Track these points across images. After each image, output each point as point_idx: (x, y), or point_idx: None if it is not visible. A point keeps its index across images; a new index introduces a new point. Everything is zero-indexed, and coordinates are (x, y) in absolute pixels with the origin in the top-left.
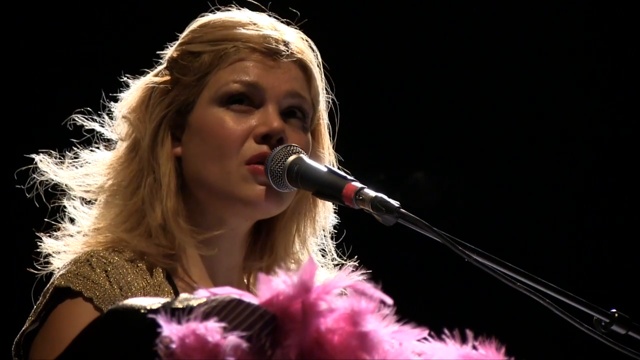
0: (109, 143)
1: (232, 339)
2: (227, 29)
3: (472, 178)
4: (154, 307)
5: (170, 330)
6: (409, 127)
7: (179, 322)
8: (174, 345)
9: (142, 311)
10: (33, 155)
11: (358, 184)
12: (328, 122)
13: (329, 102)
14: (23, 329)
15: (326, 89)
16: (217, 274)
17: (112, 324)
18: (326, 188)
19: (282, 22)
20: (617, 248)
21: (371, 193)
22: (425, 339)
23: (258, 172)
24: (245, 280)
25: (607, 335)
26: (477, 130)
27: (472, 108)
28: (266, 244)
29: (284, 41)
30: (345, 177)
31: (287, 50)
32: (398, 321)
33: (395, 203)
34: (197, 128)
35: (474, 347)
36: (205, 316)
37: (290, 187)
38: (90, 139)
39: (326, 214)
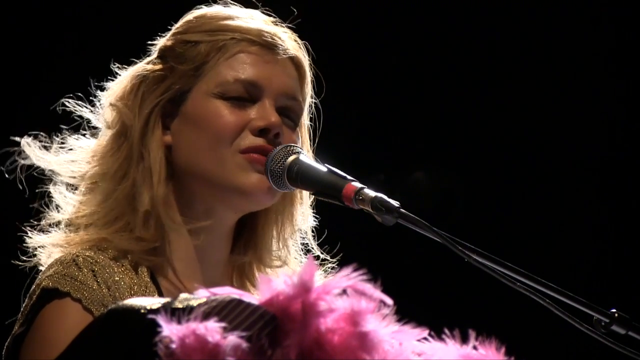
0: (95, 131)
1: (232, 339)
2: (225, 19)
3: (472, 178)
4: (154, 307)
5: (170, 330)
6: (408, 127)
7: (179, 322)
8: (174, 345)
9: (142, 311)
10: (17, 138)
11: (358, 184)
12: (321, 121)
13: (315, 103)
14: (12, 332)
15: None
16: (203, 269)
17: (112, 324)
18: (326, 188)
19: (275, 19)
20: (617, 248)
21: (371, 193)
22: (425, 339)
23: (254, 160)
24: (230, 275)
25: (607, 335)
26: (477, 130)
27: (472, 108)
28: (250, 239)
29: (280, 37)
30: (345, 177)
31: (284, 46)
32: (398, 321)
33: (395, 203)
34: (192, 117)
35: (474, 347)
36: (205, 316)
37: (290, 187)
38: (78, 126)
39: (304, 213)
